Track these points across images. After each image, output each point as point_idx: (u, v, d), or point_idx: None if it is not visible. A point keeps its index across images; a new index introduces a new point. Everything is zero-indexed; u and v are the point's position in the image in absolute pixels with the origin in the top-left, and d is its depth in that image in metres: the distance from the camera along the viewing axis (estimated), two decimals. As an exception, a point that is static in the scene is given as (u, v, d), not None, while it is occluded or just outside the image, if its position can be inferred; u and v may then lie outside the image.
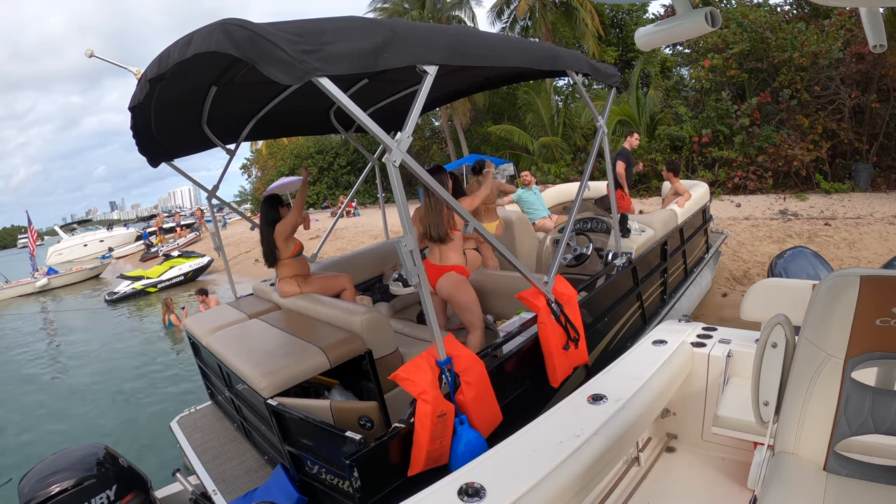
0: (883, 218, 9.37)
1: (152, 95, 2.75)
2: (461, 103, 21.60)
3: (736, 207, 11.78)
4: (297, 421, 2.60)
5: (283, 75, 1.80)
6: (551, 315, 3.05)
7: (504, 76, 4.71)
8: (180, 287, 15.84)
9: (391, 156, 2.15)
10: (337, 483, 2.43)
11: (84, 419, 6.83)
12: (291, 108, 4.36)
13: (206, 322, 3.95)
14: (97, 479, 2.69)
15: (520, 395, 3.06)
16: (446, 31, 2.53)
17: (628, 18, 22.79)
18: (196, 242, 24.69)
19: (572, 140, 19.20)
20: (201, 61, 2.14)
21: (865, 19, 2.24)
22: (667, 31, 2.23)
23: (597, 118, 3.86)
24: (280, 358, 3.01)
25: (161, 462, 4.69)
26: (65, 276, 21.20)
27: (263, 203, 4.16)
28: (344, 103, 2.00)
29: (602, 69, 3.90)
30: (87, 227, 36.08)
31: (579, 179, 3.82)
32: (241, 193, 42.95)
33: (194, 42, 1.99)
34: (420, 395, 2.29)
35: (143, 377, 8.19)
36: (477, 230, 2.70)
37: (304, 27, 1.94)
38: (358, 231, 17.33)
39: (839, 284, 1.51)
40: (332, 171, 31.02)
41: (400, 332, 4.02)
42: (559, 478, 1.62)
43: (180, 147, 4.10)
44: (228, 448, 3.62)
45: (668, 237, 5.13)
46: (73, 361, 9.96)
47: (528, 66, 3.12)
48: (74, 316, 14.85)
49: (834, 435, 1.49)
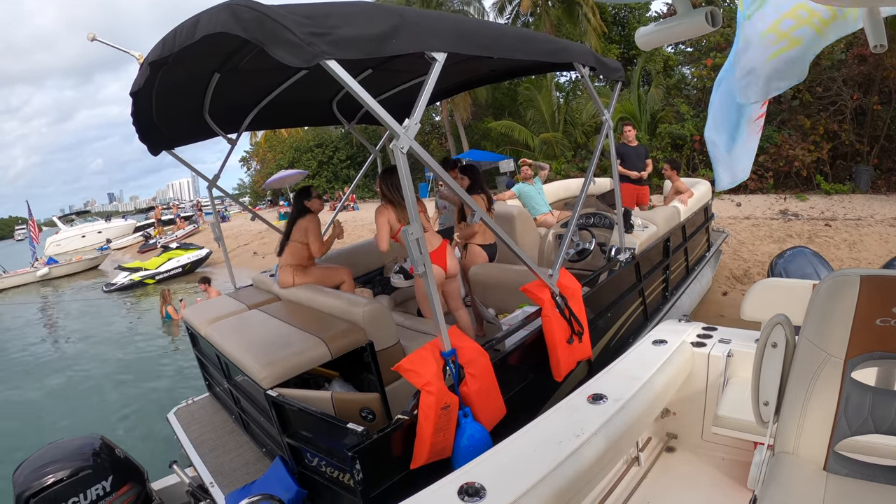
0: (883, 220, 9.38)
1: (154, 80, 2.72)
2: (462, 98, 21.54)
3: (736, 207, 11.79)
4: (298, 412, 2.57)
5: (292, 57, 1.77)
6: (555, 308, 3.03)
7: (510, 69, 4.67)
8: (179, 279, 15.80)
9: (399, 142, 2.11)
10: (337, 476, 2.40)
11: (80, 409, 6.80)
12: (294, 98, 4.33)
13: (204, 313, 3.93)
14: (93, 470, 2.66)
15: (523, 388, 3.04)
16: (455, 20, 2.51)
17: (631, 16, 22.73)
18: (194, 234, 24.63)
19: (573, 137, 19.16)
20: (207, 45, 2.10)
21: (866, 19, 2.21)
22: (667, 31, 2.22)
23: (602, 112, 3.83)
24: (280, 349, 2.98)
25: (158, 453, 4.65)
26: (65, 266, 21.17)
27: (295, 196, 4.32)
28: (353, 88, 1.97)
29: (607, 64, 3.87)
30: (85, 219, 35.99)
31: (579, 176, 3.79)
32: (240, 186, 42.87)
33: (201, 23, 1.95)
34: (424, 386, 2.26)
35: (140, 368, 8.17)
36: (483, 221, 2.68)
37: (313, 10, 1.90)
38: (357, 224, 17.29)
39: (839, 284, 1.50)
40: (331, 164, 30.98)
41: (401, 324, 3.99)
42: (559, 478, 1.61)
43: (181, 135, 4.07)
44: (226, 440, 3.59)
45: (671, 234, 5.11)
46: (70, 351, 9.94)
47: (535, 57, 3.09)
48: (73, 306, 14.81)
49: (834, 435, 1.49)
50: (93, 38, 10.46)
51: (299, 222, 4.09)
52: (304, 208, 4.15)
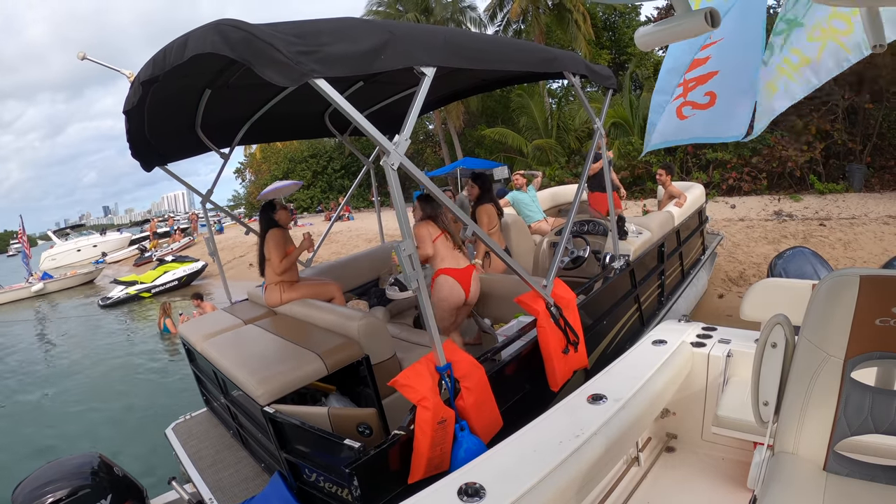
0: (877, 218, 9.41)
1: (145, 98, 2.72)
2: (455, 106, 21.61)
3: (731, 209, 11.81)
4: (295, 428, 2.55)
5: (280, 77, 1.77)
6: (550, 319, 3.02)
7: (501, 78, 4.69)
8: (176, 292, 15.75)
9: (389, 159, 2.12)
10: (336, 491, 2.39)
11: (78, 427, 6.76)
12: (286, 112, 4.33)
13: (200, 328, 3.91)
14: (92, 489, 2.65)
15: (519, 399, 3.03)
16: (444, 33, 2.51)
17: (621, 21, 22.89)
18: (190, 247, 24.57)
19: (566, 143, 19.22)
20: (196, 63, 2.11)
21: (865, 19, 2.23)
22: (666, 31, 2.22)
23: (594, 120, 3.85)
24: (276, 364, 2.97)
25: (157, 470, 4.62)
26: (60, 281, 21.07)
27: (261, 210, 4.19)
28: (341, 106, 1.97)
29: (598, 71, 3.88)
30: (80, 232, 35.87)
31: (574, 182, 3.80)
32: (234, 198, 42.80)
33: (190, 43, 1.95)
34: (420, 401, 2.26)
35: (137, 383, 8.13)
36: (476, 234, 2.68)
37: (300, 28, 1.91)
38: (353, 235, 17.28)
39: (839, 284, 1.50)
40: (325, 174, 30.98)
41: (396, 336, 3.98)
42: (559, 478, 1.61)
43: (174, 151, 4.06)
44: (224, 455, 3.57)
45: (665, 239, 5.12)
46: (67, 367, 9.87)
47: (526, 67, 3.10)
48: (69, 322, 14.73)
49: (834, 435, 1.49)
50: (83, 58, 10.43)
51: (266, 239, 4.04)
52: (272, 222, 4.07)
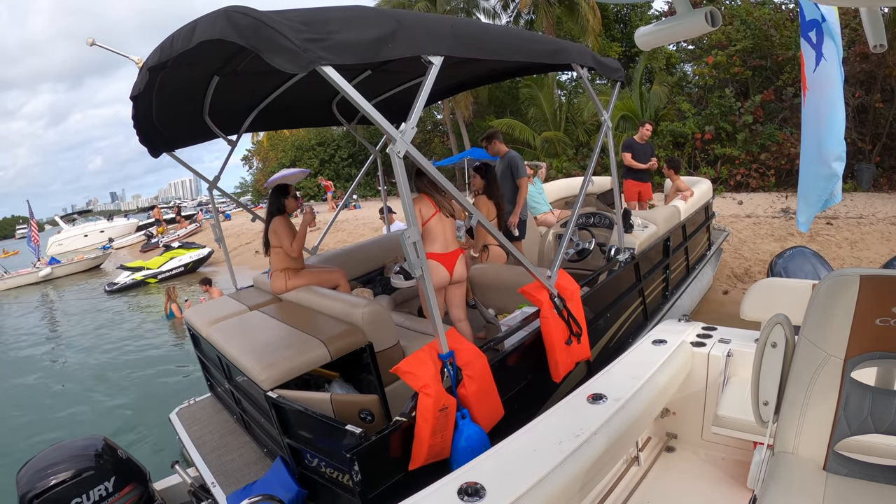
0: (885, 218, 9.32)
1: (153, 85, 2.73)
2: (463, 97, 21.50)
3: (738, 205, 11.75)
4: (297, 414, 2.58)
5: (288, 64, 1.78)
6: (554, 310, 3.04)
7: (509, 69, 4.67)
8: (182, 278, 15.82)
9: (396, 147, 2.12)
10: (337, 476, 2.42)
11: (82, 410, 6.83)
12: (294, 100, 4.33)
13: (205, 314, 3.94)
14: (95, 471, 2.68)
15: (521, 389, 3.05)
16: (452, 23, 2.50)
17: (633, 14, 22.65)
18: (197, 233, 24.65)
19: (575, 135, 19.12)
20: (204, 50, 2.11)
21: (866, 19, 2.22)
22: (666, 31, 2.23)
23: (601, 112, 3.83)
24: (280, 350, 3.00)
25: (160, 453, 4.68)
26: (67, 266, 21.17)
27: (272, 192, 4.22)
28: (349, 93, 1.98)
29: (607, 64, 3.87)
30: (87, 218, 35.99)
31: (581, 174, 3.81)
32: (241, 185, 42.91)
33: (198, 30, 1.96)
34: (422, 388, 2.27)
35: (142, 368, 8.18)
36: (481, 223, 2.69)
37: (309, 15, 1.91)
38: (359, 223, 17.27)
39: (839, 284, 1.50)
40: (333, 163, 30.97)
41: (401, 325, 4.00)
42: (559, 477, 1.61)
43: (182, 137, 4.08)
44: (228, 440, 3.62)
45: (671, 233, 5.11)
46: (72, 352, 9.95)
47: (533, 59, 3.09)
48: (76, 306, 14.83)
49: (833, 435, 1.49)
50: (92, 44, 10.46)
51: (271, 228, 4.06)
52: (281, 206, 4.09)
